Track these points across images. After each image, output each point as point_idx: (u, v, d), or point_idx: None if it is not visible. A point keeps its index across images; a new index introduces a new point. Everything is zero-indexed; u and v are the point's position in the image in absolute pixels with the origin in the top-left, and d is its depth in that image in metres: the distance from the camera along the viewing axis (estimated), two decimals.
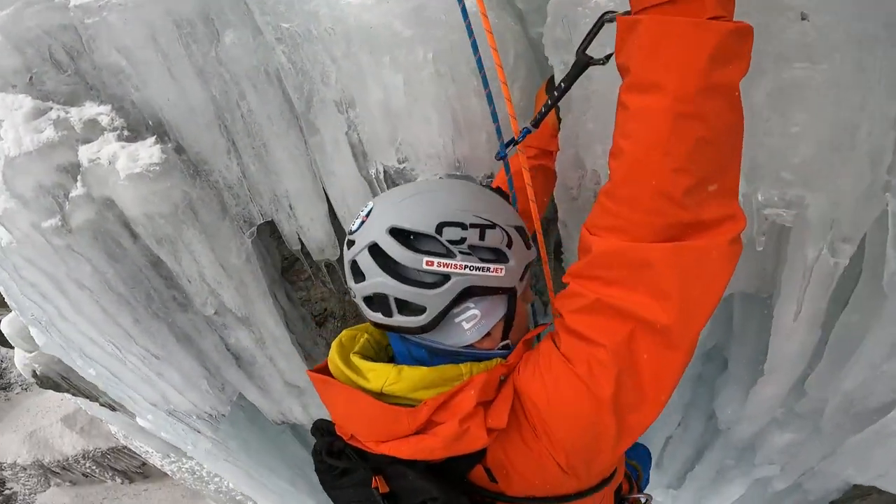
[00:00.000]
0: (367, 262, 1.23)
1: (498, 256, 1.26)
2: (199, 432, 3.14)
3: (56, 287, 2.56)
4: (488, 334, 1.29)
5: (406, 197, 1.26)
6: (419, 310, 1.23)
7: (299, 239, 2.54)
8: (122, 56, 1.98)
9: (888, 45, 1.06)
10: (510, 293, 1.29)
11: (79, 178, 2.24)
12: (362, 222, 1.26)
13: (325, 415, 1.47)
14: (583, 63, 1.21)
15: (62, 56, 2.03)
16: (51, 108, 2.12)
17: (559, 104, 1.52)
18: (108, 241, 2.41)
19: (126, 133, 2.21)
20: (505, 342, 1.33)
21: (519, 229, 1.32)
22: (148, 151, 2.19)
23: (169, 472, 6.47)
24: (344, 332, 1.44)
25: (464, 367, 1.25)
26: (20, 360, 4.50)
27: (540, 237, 1.56)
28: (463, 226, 1.22)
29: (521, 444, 1.21)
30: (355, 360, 1.32)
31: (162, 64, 1.99)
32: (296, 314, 2.87)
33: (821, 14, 1.08)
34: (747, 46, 0.93)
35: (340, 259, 2.66)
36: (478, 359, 1.28)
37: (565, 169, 1.72)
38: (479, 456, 1.23)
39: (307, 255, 2.65)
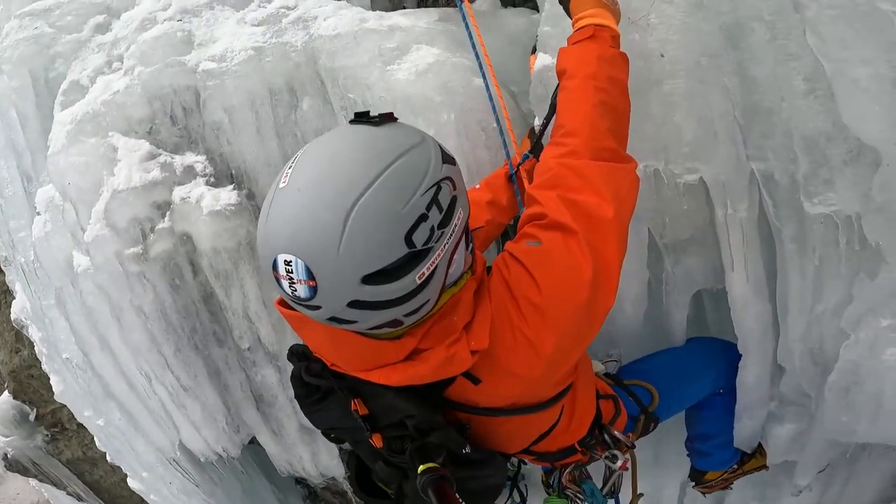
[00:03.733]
0: (353, 314, 1.14)
1: (453, 203, 1.22)
2: (196, 486, 3.24)
3: (113, 314, 2.96)
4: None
5: (335, 233, 1.06)
6: (423, 307, 1.23)
7: None
8: (226, 114, 2.65)
9: (711, 68, 1.78)
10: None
11: (168, 214, 2.81)
12: (313, 289, 1.08)
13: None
14: (556, 106, 1.84)
15: (179, 112, 2.72)
16: (160, 154, 2.77)
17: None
18: (175, 272, 2.90)
19: (212, 180, 2.84)
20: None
21: (436, 145, 1.27)
22: (228, 195, 2.78)
23: None
24: None
25: (443, 298, 1.29)
26: None
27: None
28: (424, 216, 1.13)
29: (501, 347, 1.32)
30: None
31: (254, 123, 2.67)
32: None
33: (671, 51, 1.81)
34: (626, 61, 1.63)
35: None
36: (454, 283, 1.34)
37: None
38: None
39: None
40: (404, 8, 3.27)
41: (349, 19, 2.71)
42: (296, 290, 1.10)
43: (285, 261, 1.08)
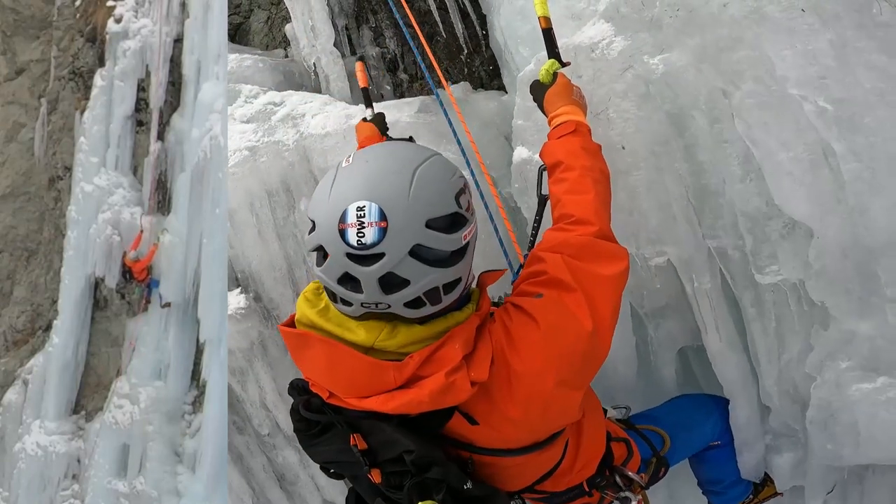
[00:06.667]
0: (411, 267, 1.19)
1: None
2: None
3: None
4: None
5: (405, 182, 1.22)
6: (457, 283, 1.29)
7: None
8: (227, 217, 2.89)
9: (664, 155, 1.96)
10: None
11: None
12: (382, 230, 1.17)
13: None
14: (544, 200, 1.94)
15: None
16: None
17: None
18: None
19: None
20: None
21: None
22: (236, 299, 3.00)
23: None
24: (308, 286, 1.44)
25: (450, 319, 1.32)
26: None
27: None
28: (462, 191, 1.31)
29: (499, 390, 1.34)
30: (338, 315, 1.31)
31: (255, 226, 2.85)
32: None
33: (630, 142, 2.00)
34: (601, 152, 1.76)
35: None
36: (458, 308, 1.36)
37: None
38: (455, 406, 1.33)
39: None
40: (382, 97, 3.52)
41: (336, 116, 2.91)
42: (363, 237, 1.16)
43: (358, 206, 1.17)
